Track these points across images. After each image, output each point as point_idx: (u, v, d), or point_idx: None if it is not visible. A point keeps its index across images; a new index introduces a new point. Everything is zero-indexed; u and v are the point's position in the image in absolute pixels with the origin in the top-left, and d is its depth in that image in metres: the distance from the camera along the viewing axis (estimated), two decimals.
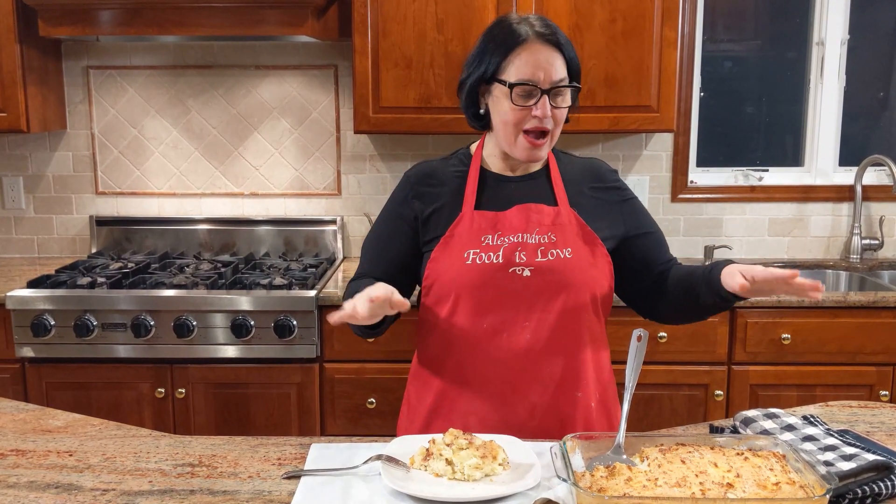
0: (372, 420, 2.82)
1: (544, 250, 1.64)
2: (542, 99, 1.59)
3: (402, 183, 1.77)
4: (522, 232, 1.66)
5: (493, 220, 1.67)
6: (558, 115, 1.63)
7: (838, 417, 1.68)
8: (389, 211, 1.78)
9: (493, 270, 1.62)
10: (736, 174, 3.41)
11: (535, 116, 1.60)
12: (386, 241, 1.77)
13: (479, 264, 1.63)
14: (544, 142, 1.64)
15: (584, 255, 1.66)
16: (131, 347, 2.74)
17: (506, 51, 1.61)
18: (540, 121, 1.60)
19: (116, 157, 3.36)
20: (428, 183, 1.73)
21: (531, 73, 1.59)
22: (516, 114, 1.61)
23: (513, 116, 1.62)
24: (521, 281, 1.62)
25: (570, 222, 1.68)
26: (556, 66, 1.60)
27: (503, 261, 1.63)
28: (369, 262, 1.79)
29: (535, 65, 1.59)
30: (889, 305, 2.75)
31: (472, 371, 1.67)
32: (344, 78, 3.28)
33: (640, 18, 2.87)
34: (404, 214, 1.74)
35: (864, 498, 1.30)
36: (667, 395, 2.80)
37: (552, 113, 1.61)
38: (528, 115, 1.61)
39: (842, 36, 3.32)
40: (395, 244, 1.74)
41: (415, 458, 1.42)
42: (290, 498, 1.33)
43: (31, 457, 1.49)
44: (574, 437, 1.39)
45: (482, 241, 1.65)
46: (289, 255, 3.31)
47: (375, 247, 1.79)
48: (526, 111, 1.61)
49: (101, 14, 2.82)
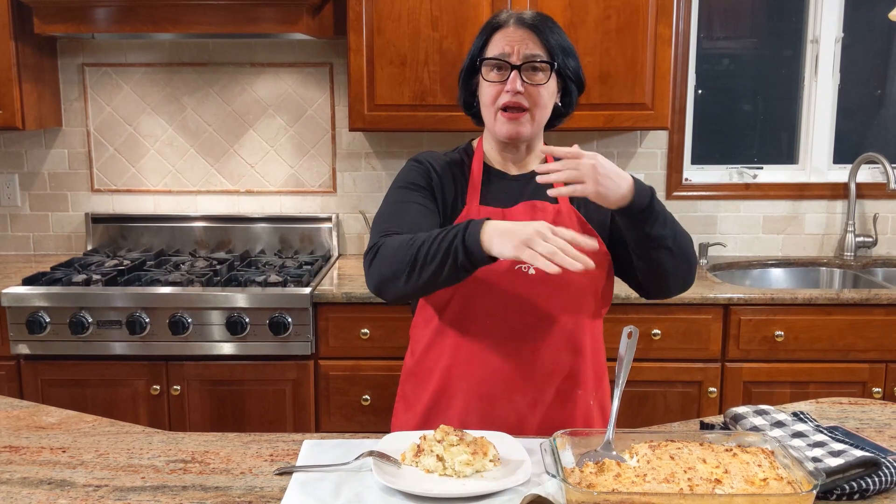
0: (367, 417, 2.83)
1: None
2: (512, 73, 1.61)
3: (413, 166, 1.72)
4: None
5: (500, 216, 1.66)
6: (535, 92, 1.62)
7: (828, 414, 1.69)
8: (412, 182, 1.68)
9: (499, 266, 1.61)
10: (731, 172, 3.42)
11: (507, 91, 1.62)
12: (417, 205, 1.66)
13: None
14: (521, 116, 1.63)
15: (585, 252, 1.66)
16: (127, 344, 2.75)
17: (486, 36, 1.66)
18: (512, 94, 1.61)
19: (112, 154, 3.37)
20: (436, 170, 1.71)
21: (501, 48, 1.63)
22: (490, 90, 1.64)
23: (488, 94, 1.64)
24: (526, 279, 1.62)
25: (571, 219, 1.68)
26: (528, 43, 1.62)
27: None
28: (405, 225, 1.61)
29: (507, 42, 1.62)
30: (882, 303, 2.75)
31: (472, 368, 1.66)
32: (339, 76, 3.28)
33: (634, 15, 2.87)
34: (430, 186, 1.68)
35: (851, 493, 1.31)
36: (660, 392, 2.81)
37: (527, 90, 1.61)
38: (501, 90, 1.63)
39: (836, 34, 3.32)
40: (429, 208, 1.66)
41: (406, 454, 1.43)
42: (281, 494, 1.34)
43: (25, 453, 1.50)
44: (564, 434, 1.39)
45: None
46: (284, 252, 3.31)
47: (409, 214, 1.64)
48: (499, 87, 1.63)
49: (96, 11, 2.82)
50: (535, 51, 1.62)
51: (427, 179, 1.69)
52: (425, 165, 1.71)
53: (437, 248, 1.46)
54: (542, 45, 1.62)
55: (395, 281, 1.52)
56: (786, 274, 3.34)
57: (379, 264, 1.54)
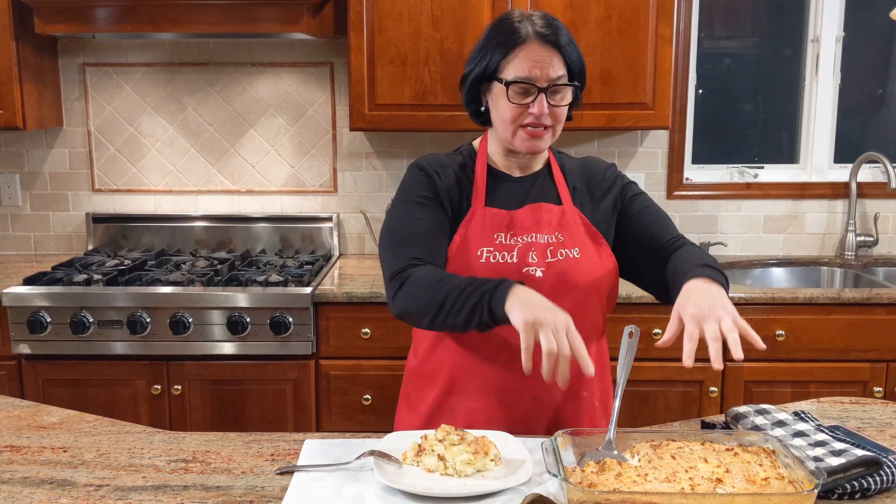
0: (367, 416, 2.83)
1: (553, 250, 1.64)
2: (539, 97, 1.59)
3: (415, 173, 1.70)
4: (534, 232, 1.65)
5: (507, 218, 1.65)
6: (557, 112, 1.62)
7: (830, 414, 1.69)
8: (418, 194, 1.67)
9: (508, 270, 1.61)
10: (731, 171, 3.42)
11: (531, 114, 1.60)
12: (430, 223, 1.65)
13: (493, 263, 1.62)
14: (544, 133, 1.63)
15: (590, 254, 1.66)
16: (127, 344, 2.75)
17: (505, 50, 1.61)
18: (537, 118, 1.60)
19: (113, 154, 3.37)
20: (440, 176, 1.69)
21: (528, 70, 1.59)
22: (513, 111, 1.61)
23: (510, 114, 1.61)
24: (533, 281, 1.61)
25: (576, 221, 1.68)
26: (554, 64, 1.59)
27: (517, 261, 1.62)
28: (423, 249, 1.61)
29: (532, 63, 1.59)
30: (883, 302, 2.75)
31: (478, 370, 1.65)
32: (340, 75, 3.28)
33: (635, 15, 2.87)
34: (438, 196, 1.67)
35: (852, 493, 1.31)
36: (661, 391, 2.81)
37: (550, 111, 1.60)
38: (524, 112, 1.61)
39: (837, 33, 3.32)
40: (442, 225, 1.65)
41: (407, 453, 1.43)
42: (282, 493, 1.34)
43: (26, 453, 1.50)
44: (565, 433, 1.39)
45: (495, 240, 1.64)
46: (285, 252, 3.31)
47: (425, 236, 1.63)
48: (523, 109, 1.60)
49: (96, 11, 2.82)
50: (560, 71, 1.60)
51: (433, 190, 1.67)
52: (429, 173, 1.69)
53: (464, 302, 1.47)
54: (564, 63, 1.61)
55: (418, 318, 1.56)
56: (786, 273, 3.34)
57: (405, 297, 1.55)
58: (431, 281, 1.52)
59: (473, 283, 1.49)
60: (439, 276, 1.53)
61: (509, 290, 1.44)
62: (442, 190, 1.67)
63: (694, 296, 1.43)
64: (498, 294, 1.44)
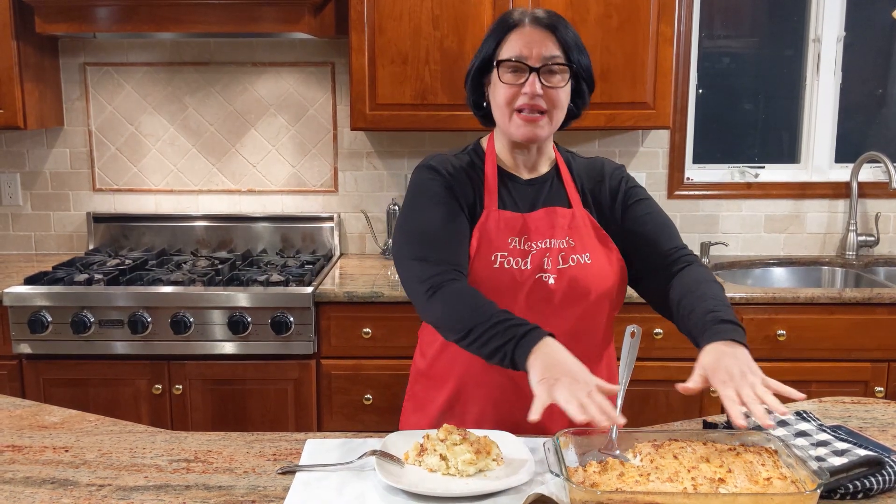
0: (368, 416, 2.82)
1: (565, 256, 1.62)
2: (531, 76, 1.56)
3: (428, 173, 1.65)
4: (549, 237, 1.62)
5: (521, 222, 1.63)
6: (553, 94, 1.58)
7: (831, 413, 1.69)
8: (436, 194, 1.62)
9: (522, 277, 1.59)
10: (732, 171, 3.42)
11: (525, 94, 1.57)
12: (454, 224, 1.61)
13: (508, 269, 1.59)
14: (540, 118, 1.59)
15: (601, 259, 1.64)
16: (128, 344, 2.75)
17: (500, 35, 1.61)
18: (530, 97, 1.57)
19: (113, 153, 3.36)
20: (453, 175, 1.66)
21: (519, 50, 1.58)
22: (506, 92, 1.58)
23: (503, 95, 1.59)
24: (546, 288, 1.60)
25: (585, 224, 1.66)
26: (547, 44, 1.57)
27: (531, 267, 1.60)
28: (451, 253, 1.58)
29: (523, 43, 1.57)
30: (884, 302, 2.75)
31: (488, 375, 1.64)
32: (341, 75, 3.28)
33: (635, 14, 2.87)
34: (455, 196, 1.63)
35: (855, 493, 1.31)
36: (662, 391, 2.81)
37: (545, 92, 1.57)
38: (518, 92, 1.58)
39: (838, 33, 3.32)
40: (464, 226, 1.62)
41: (409, 453, 1.43)
42: (284, 493, 1.34)
43: (28, 452, 1.50)
44: (567, 433, 1.39)
45: (509, 244, 1.61)
46: (286, 251, 3.31)
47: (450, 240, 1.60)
48: (516, 89, 1.58)
49: (97, 11, 2.82)
50: (553, 52, 1.57)
51: (450, 190, 1.63)
52: (442, 173, 1.65)
53: (490, 338, 1.44)
54: (559, 45, 1.58)
55: (446, 333, 1.55)
56: (788, 273, 3.34)
57: (438, 310, 1.52)
58: (465, 304, 1.49)
59: (505, 322, 1.44)
60: (475, 302, 1.49)
61: (536, 342, 1.40)
62: (458, 190, 1.64)
63: (723, 361, 1.39)
64: (523, 344, 1.40)
